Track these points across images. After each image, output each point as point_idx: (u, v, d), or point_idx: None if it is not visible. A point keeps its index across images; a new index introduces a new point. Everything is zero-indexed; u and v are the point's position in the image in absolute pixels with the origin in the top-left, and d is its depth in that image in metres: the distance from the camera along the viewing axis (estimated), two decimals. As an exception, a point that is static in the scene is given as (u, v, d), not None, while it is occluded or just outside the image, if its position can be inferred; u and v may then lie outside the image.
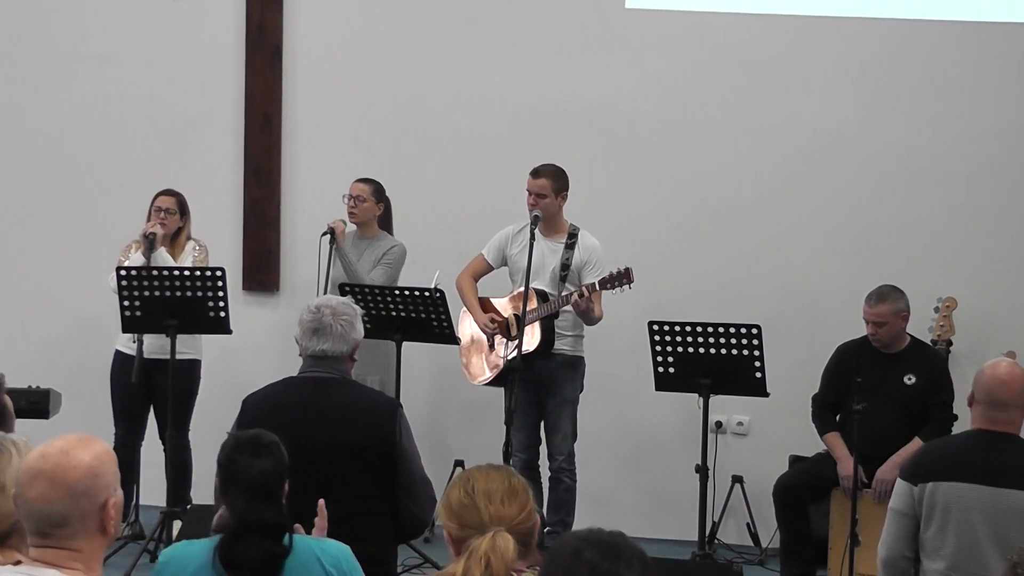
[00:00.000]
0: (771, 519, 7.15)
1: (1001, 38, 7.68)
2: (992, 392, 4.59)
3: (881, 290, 6.76)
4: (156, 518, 6.80)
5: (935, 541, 4.55)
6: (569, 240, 6.99)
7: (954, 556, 4.51)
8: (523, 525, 3.12)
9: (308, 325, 4.71)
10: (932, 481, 4.55)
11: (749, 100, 7.83)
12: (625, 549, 2.57)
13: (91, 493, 2.84)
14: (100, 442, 2.91)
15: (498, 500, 3.12)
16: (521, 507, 3.13)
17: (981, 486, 4.49)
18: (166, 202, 7.27)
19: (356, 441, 4.57)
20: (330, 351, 4.69)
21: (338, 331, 4.69)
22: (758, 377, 6.24)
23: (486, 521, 3.08)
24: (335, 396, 4.69)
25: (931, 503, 4.55)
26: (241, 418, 4.72)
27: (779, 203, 7.82)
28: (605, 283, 6.65)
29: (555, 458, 7.01)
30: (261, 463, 3.63)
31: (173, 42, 8.20)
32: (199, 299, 6.69)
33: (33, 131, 8.32)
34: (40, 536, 2.83)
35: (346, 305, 4.78)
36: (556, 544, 2.62)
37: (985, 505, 4.48)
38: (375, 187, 7.35)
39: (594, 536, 2.58)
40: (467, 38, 8.04)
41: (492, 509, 3.10)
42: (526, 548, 3.13)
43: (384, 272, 7.20)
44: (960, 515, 4.50)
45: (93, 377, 7.54)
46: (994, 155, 7.67)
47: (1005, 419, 4.58)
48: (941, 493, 4.53)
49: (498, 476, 3.17)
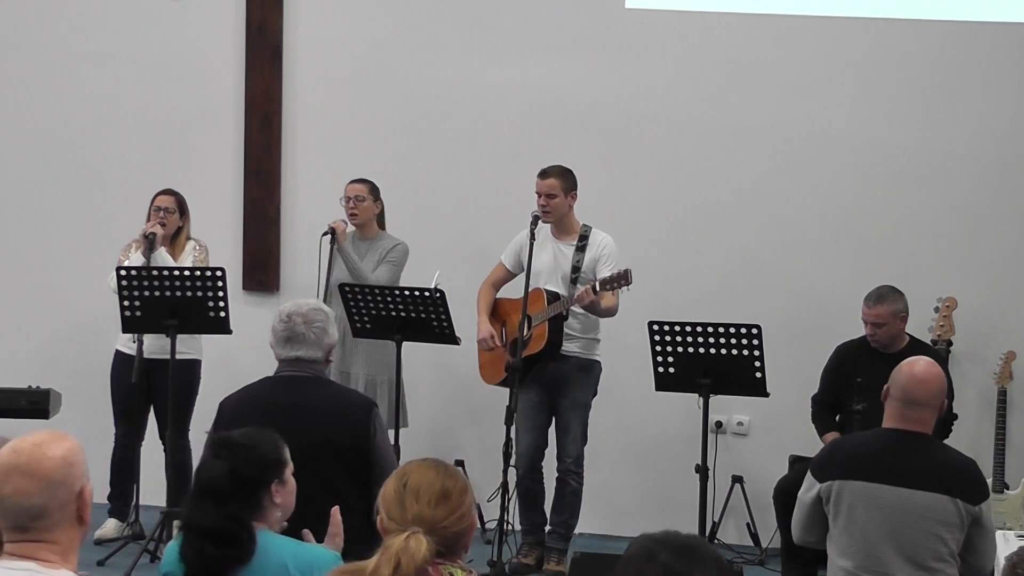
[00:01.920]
0: (771, 519, 7.15)
1: (1001, 38, 7.68)
2: (908, 390, 4.51)
3: (880, 291, 6.76)
4: (156, 518, 6.80)
5: (841, 539, 4.51)
6: (580, 242, 6.98)
7: (859, 555, 4.46)
8: (449, 529, 3.09)
9: (281, 334, 4.75)
10: (839, 479, 4.51)
11: (749, 100, 7.84)
12: (700, 551, 2.53)
13: (68, 482, 2.84)
14: (70, 437, 2.91)
15: (425, 500, 3.09)
16: (450, 511, 3.10)
17: (888, 486, 4.44)
18: (166, 201, 7.27)
19: (331, 439, 4.59)
20: (304, 356, 4.73)
21: (311, 338, 4.72)
22: (758, 377, 6.23)
23: (408, 519, 3.07)
24: (310, 395, 4.71)
25: (837, 501, 4.51)
26: (217, 420, 4.74)
27: (779, 203, 7.82)
28: (605, 283, 6.65)
29: (563, 460, 7.02)
30: (216, 465, 3.58)
31: (173, 42, 8.20)
32: (199, 299, 6.68)
33: (33, 131, 8.32)
34: (18, 531, 2.84)
35: (317, 311, 4.79)
36: (630, 546, 2.58)
37: (891, 505, 4.43)
38: (371, 186, 7.36)
39: (669, 538, 2.55)
40: (467, 38, 8.04)
41: (416, 508, 3.08)
42: (449, 550, 3.11)
43: (388, 271, 7.20)
44: (865, 514, 4.46)
45: (93, 377, 7.54)
46: (994, 155, 7.68)
47: (917, 418, 4.50)
48: (847, 492, 4.49)
49: (435, 475, 3.14)
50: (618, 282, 6.62)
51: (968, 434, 7.22)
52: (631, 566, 2.52)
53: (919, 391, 4.52)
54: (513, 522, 6.92)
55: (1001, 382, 7.25)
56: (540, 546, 7.09)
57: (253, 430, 3.72)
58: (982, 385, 7.52)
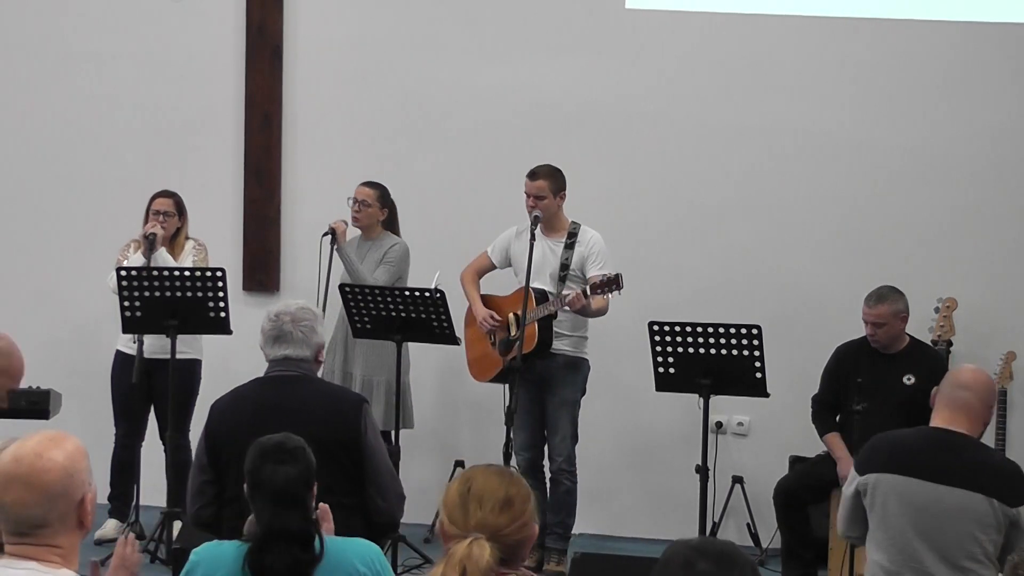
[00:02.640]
0: (771, 519, 7.15)
1: (1001, 38, 7.68)
2: (955, 384, 4.62)
3: (880, 291, 6.77)
4: (156, 518, 6.80)
5: (877, 533, 4.56)
6: (569, 240, 6.98)
7: (892, 550, 4.50)
8: (511, 536, 3.07)
9: (269, 333, 4.75)
10: (875, 472, 4.55)
11: (749, 100, 7.84)
12: (739, 559, 2.52)
13: (68, 493, 2.83)
14: (72, 438, 2.88)
15: (488, 507, 3.06)
16: (513, 518, 3.07)
17: (922, 481, 4.47)
18: (164, 204, 7.26)
19: (321, 436, 4.53)
20: (292, 355, 4.73)
21: (299, 337, 4.72)
22: (758, 377, 6.23)
23: (471, 525, 3.05)
24: (299, 393, 4.72)
25: (873, 495, 4.55)
26: (208, 422, 4.76)
27: (779, 203, 7.82)
28: (596, 288, 6.64)
29: (554, 459, 7.00)
30: (286, 470, 3.62)
31: (173, 42, 8.20)
32: (199, 299, 6.68)
33: (33, 131, 8.32)
34: (18, 535, 2.83)
35: (305, 311, 4.79)
36: (665, 553, 2.56)
37: (923, 501, 4.46)
38: (380, 192, 7.35)
39: (706, 545, 2.54)
40: (467, 38, 8.04)
41: (479, 515, 3.05)
42: (513, 557, 3.09)
43: (387, 271, 7.20)
44: (898, 509, 4.49)
45: (92, 377, 7.54)
46: (994, 155, 7.68)
47: (965, 407, 4.57)
48: (882, 485, 4.53)
49: (498, 482, 3.11)
50: (609, 287, 6.61)
51: (968, 434, 7.22)
52: (669, 574, 2.51)
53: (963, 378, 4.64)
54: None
55: (1001, 382, 7.24)
56: (541, 548, 7.09)
57: (288, 435, 3.76)
58: (982, 385, 7.51)
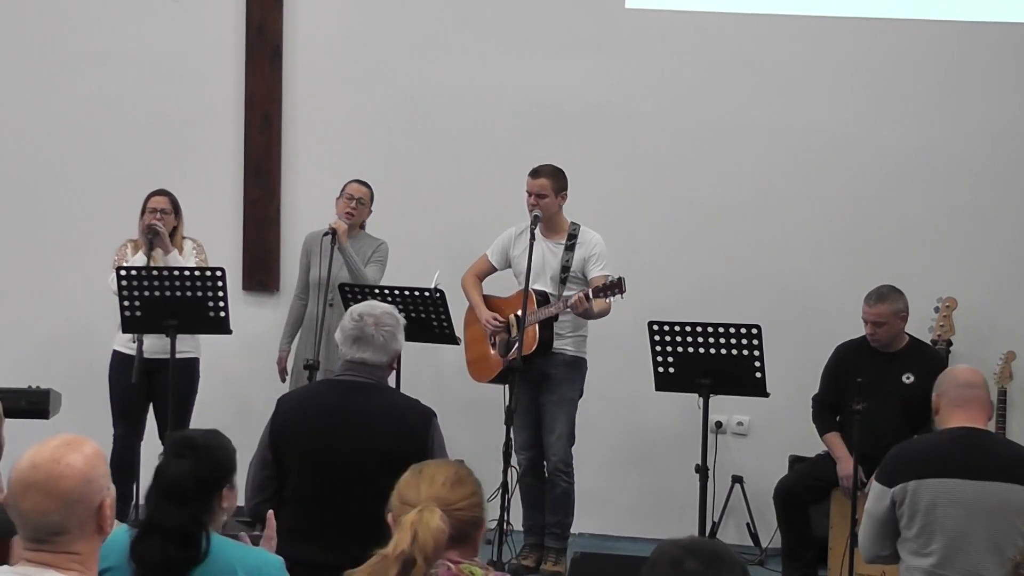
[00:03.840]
0: (771, 519, 7.15)
1: (1001, 38, 7.68)
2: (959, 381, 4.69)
3: (880, 290, 6.77)
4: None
5: (920, 539, 4.55)
6: (569, 241, 6.98)
7: (942, 552, 4.51)
8: (461, 512, 3.13)
9: (350, 332, 4.69)
10: (912, 480, 4.56)
11: (749, 100, 7.84)
12: (727, 558, 2.53)
13: (86, 500, 2.80)
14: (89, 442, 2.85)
15: (440, 482, 3.14)
16: (462, 496, 3.15)
17: (964, 480, 4.50)
18: (160, 203, 7.26)
19: (386, 447, 4.51)
20: (370, 360, 4.68)
21: (379, 341, 4.68)
22: (758, 377, 6.23)
23: (422, 499, 3.10)
24: (370, 401, 4.66)
25: (913, 502, 4.55)
26: (274, 417, 4.71)
27: (779, 203, 7.82)
28: (598, 292, 6.64)
29: (550, 459, 6.99)
30: (179, 464, 3.52)
31: (173, 42, 8.20)
32: (199, 299, 6.68)
33: (33, 131, 8.32)
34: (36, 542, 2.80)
35: (389, 315, 4.75)
36: (654, 553, 2.56)
37: (971, 499, 4.49)
38: (372, 192, 7.38)
39: (695, 545, 2.54)
40: (467, 38, 8.04)
41: (431, 490, 3.13)
42: (463, 540, 3.13)
43: (378, 269, 7.25)
44: (946, 511, 4.50)
45: (91, 377, 7.53)
46: (994, 155, 7.68)
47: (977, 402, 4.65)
48: (924, 491, 4.54)
49: (449, 466, 3.23)
50: (611, 291, 6.61)
51: (968, 434, 7.22)
52: (657, 573, 2.51)
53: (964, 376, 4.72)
54: (513, 522, 6.91)
55: (1001, 382, 7.25)
56: (541, 548, 7.08)
57: (212, 431, 3.68)
58: (982, 385, 7.51)
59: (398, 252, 7.39)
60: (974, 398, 4.66)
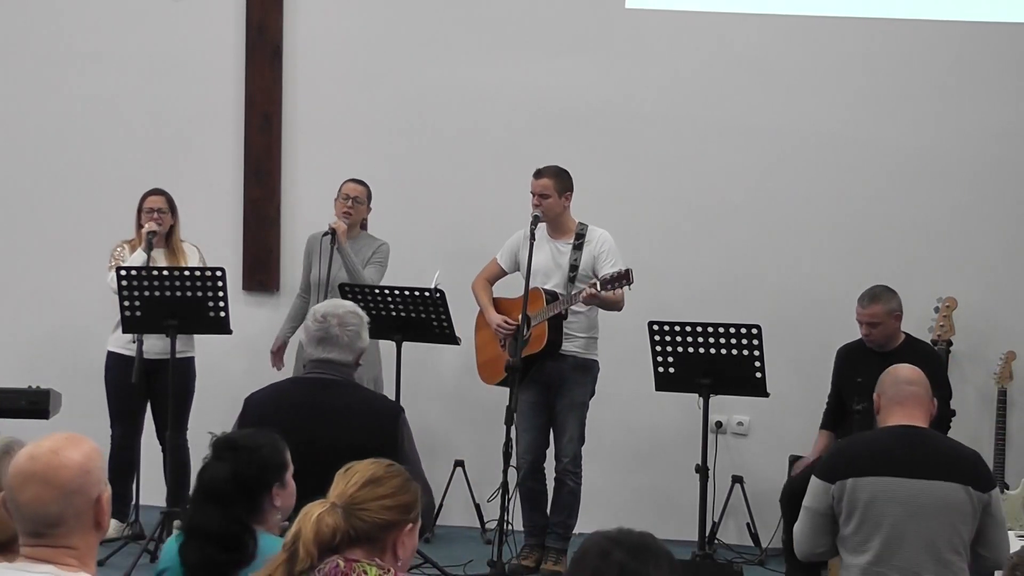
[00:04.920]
0: (771, 519, 7.16)
1: (1001, 38, 7.68)
2: (896, 378, 4.69)
3: (873, 291, 6.76)
4: (156, 518, 6.80)
5: (857, 536, 4.55)
6: (577, 240, 6.98)
7: (879, 550, 4.50)
8: (367, 513, 3.07)
9: (315, 333, 4.72)
10: (851, 477, 4.55)
11: (749, 100, 7.84)
12: (654, 549, 2.57)
13: (84, 490, 2.81)
14: (87, 440, 2.87)
15: (352, 481, 3.10)
16: (375, 496, 3.09)
17: (902, 479, 4.50)
18: (157, 202, 7.27)
19: (357, 443, 4.51)
20: (336, 359, 4.71)
21: (344, 341, 4.71)
22: (758, 377, 6.24)
23: (332, 495, 3.09)
24: (338, 398, 4.69)
25: (852, 499, 4.55)
26: (242, 416, 4.72)
27: (779, 203, 7.82)
28: (606, 283, 6.65)
29: (561, 460, 7.01)
30: (219, 467, 3.56)
31: (173, 42, 8.20)
32: (199, 299, 6.69)
33: (32, 131, 8.32)
34: (34, 536, 2.81)
35: (353, 314, 4.78)
36: (584, 543, 2.60)
37: (906, 497, 4.48)
38: (368, 190, 7.38)
39: (623, 536, 2.58)
40: (467, 38, 8.04)
41: (341, 487, 3.10)
42: (370, 541, 3.08)
43: (378, 270, 7.24)
44: (883, 508, 4.50)
45: (88, 377, 7.53)
46: (994, 155, 7.68)
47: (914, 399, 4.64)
48: (863, 488, 4.53)
49: (378, 467, 3.16)
50: (619, 282, 6.61)
51: (968, 434, 7.18)
52: (586, 563, 2.56)
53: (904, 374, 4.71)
54: (513, 522, 6.91)
55: (1001, 382, 7.25)
56: (541, 548, 7.09)
57: (256, 431, 3.71)
58: (982, 385, 7.52)
59: (398, 252, 7.39)
60: (912, 395, 4.65)
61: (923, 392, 4.67)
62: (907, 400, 4.63)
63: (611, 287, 6.64)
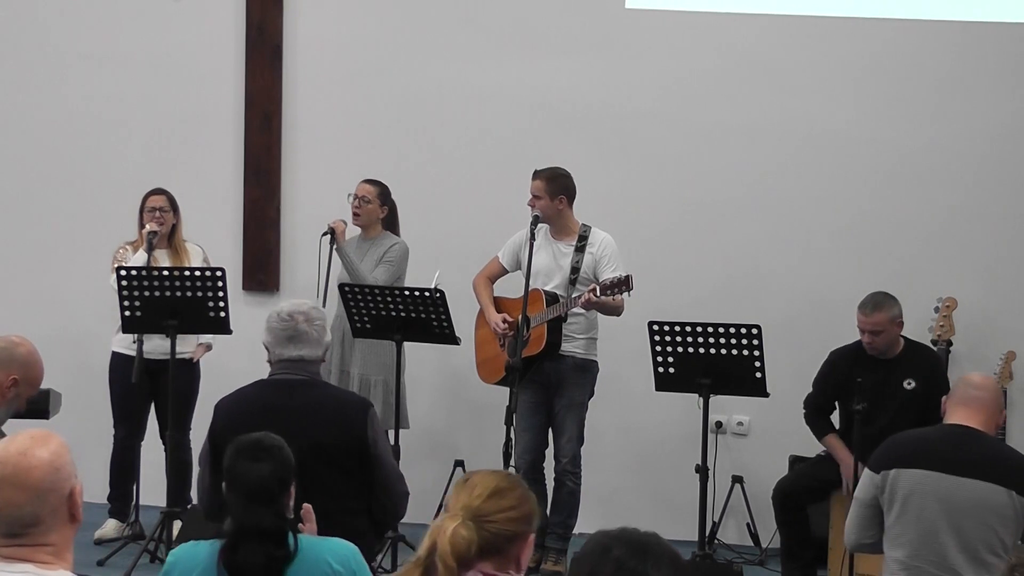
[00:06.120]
0: (771, 519, 7.14)
1: (1001, 38, 7.68)
2: (967, 383, 4.77)
3: (875, 298, 6.70)
4: (156, 518, 6.80)
5: (895, 529, 4.60)
6: (579, 243, 6.97)
7: (914, 544, 4.54)
8: (496, 526, 3.06)
9: (282, 332, 4.73)
10: (894, 468, 4.60)
11: (749, 100, 7.84)
12: (655, 548, 2.56)
13: (57, 487, 2.82)
14: (54, 436, 2.88)
15: (476, 492, 3.09)
16: (500, 508, 3.08)
17: (943, 474, 4.53)
18: (159, 201, 7.28)
19: (328, 441, 4.61)
20: (307, 356, 4.74)
21: (313, 336, 4.74)
22: (758, 377, 6.23)
23: (457, 507, 3.07)
24: (306, 396, 4.72)
25: (892, 490, 4.60)
26: (214, 422, 4.76)
27: (779, 203, 7.82)
28: (606, 288, 6.64)
29: (560, 460, 7.00)
30: (260, 467, 3.63)
31: (173, 42, 8.20)
32: (199, 299, 6.69)
33: (32, 131, 8.32)
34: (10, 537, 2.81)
35: (316, 310, 4.84)
36: (586, 541, 2.61)
37: (944, 493, 4.51)
38: (381, 189, 7.35)
39: (624, 534, 2.58)
40: (467, 38, 8.04)
41: (465, 499, 3.08)
42: (497, 553, 3.07)
43: (386, 271, 7.20)
44: (920, 502, 4.54)
45: (90, 377, 7.54)
46: (994, 155, 7.68)
47: (978, 404, 4.69)
48: (903, 480, 4.58)
49: (496, 477, 3.15)
50: (619, 287, 6.60)
51: (968, 434, 7.23)
52: (586, 561, 2.56)
53: (975, 380, 4.81)
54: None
55: (1001, 382, 7.24)
56: (541, 548, 7.08)
57: (267, 434, 3.76)
58: (982, 385, 7.51)
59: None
60: (976, 399, 4.70)
61: (988, 398, 4.72)
62: (971, 403, 4.69)
63: (611, 293, 6.63)
